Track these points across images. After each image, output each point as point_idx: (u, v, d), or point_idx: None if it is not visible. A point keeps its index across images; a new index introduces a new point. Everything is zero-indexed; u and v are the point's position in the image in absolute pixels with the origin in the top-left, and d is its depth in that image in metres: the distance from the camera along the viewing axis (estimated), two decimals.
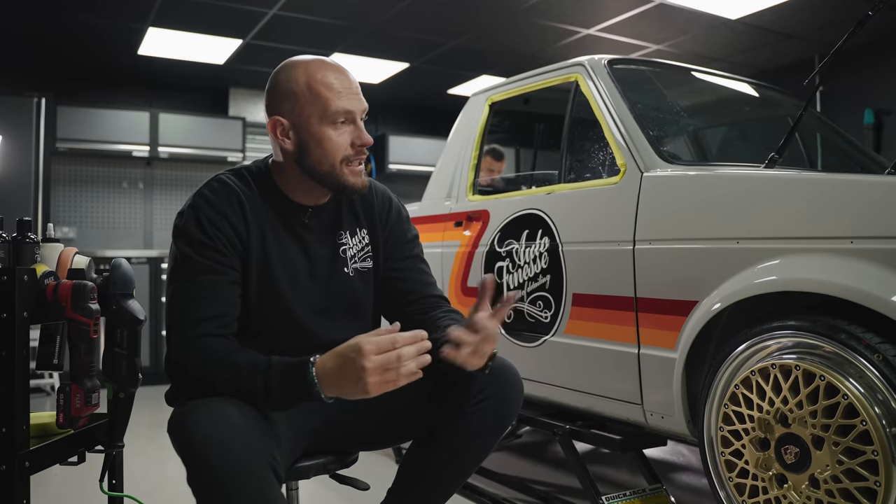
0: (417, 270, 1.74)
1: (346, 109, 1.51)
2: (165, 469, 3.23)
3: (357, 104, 1.54)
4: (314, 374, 1.30)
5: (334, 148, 1.52)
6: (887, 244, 1.63)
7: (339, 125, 1.52)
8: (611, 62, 2.64)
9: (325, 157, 1.52)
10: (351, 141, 1.53)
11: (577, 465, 2.46)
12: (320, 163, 1.53)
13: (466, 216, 3.02)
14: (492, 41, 5.77)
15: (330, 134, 1.51)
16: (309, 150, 1.52)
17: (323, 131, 1.51)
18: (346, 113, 1.52)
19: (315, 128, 1.51)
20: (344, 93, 1.51)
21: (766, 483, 1.80)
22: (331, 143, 1.51)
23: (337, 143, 1.52)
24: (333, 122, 1.51)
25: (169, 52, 5.96)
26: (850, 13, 4.64)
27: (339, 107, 1.50)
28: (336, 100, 1.50)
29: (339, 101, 1.50)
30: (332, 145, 1.52)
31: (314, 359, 1.32)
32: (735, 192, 2.03)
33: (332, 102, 1.50)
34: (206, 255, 1.46)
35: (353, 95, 1.53)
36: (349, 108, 1.52)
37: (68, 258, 1.66)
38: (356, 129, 1.54)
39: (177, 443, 1.29)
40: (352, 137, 1.53)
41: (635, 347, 2.22)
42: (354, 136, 1.54)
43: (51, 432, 1.57)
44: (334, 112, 1.50)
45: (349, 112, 1.52)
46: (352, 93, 1.53)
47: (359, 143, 1.54)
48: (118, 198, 6.74)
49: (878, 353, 1.61)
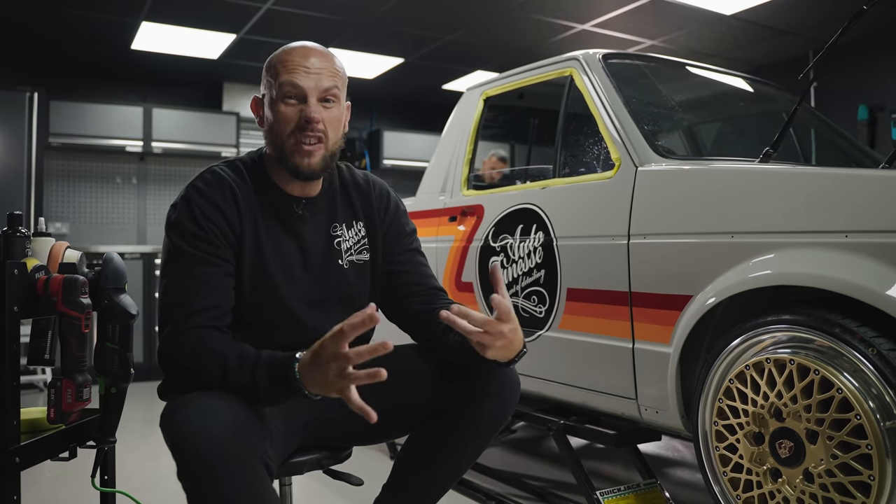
0: (417, 263, 1.74)
1: (292, 83, 1.50)
2: (158, 464, 3.22)
3: (308, 81, 1.51)
4: (297, 370, 1.29)
5: (280, 122, 1.52)
6: (882, 238, 1.63)
7: (289, 101, 1.51)
8: (605, 57, 2.64)
9: (276, 132, 1.53)
10: (298, 117, 1.51)
11: (571, 461, 2.46)
12: (274, 138, 1.54)
13: (461, 211, 3.02)
14: (486, 36, 5.76)
15: (279, 107, 1.52)
16: (268, 127, 1.55)
17: (275, 106, 1.52)
18: (292, 86, 1.50)
19: (270, 103, 1.54)
20: (298, 69, 1.51)
21: (760, 477, 1.80)
22: (278, 116, 1.52)
23: (284, 117, 1.51)
24: (284, 97, 1.51)
25: (162, 46, 5.93)
26: (845, 9, 4.64)
27: (286, 80, 1.50)
28: (285, 74, 1.51)
29: (287, 76, 1.51)
30: (278, 119, 1.52)
31: (300, 355, 1.30)
32: (729, 187, 2.03)
33: (281, 76, 1.51)
34: (199, 247, 1.45)
35: (308, 73, 1.51)
36: (297, 82, 1.50)
37: (59, 252, 1.65)
38: (305, 106, 1.52)
39: (168, 437, 1.28)
40: (299, 113, 1.52)
41: (630, 342, 2.21)
42: (302, 111, 1.52)
43: (42, 427, 1.56)
44: (280, 85, 1.51)
45: (295, 86, 1.50)
46: (308, 71, 1.51)
47: (304, 119, 1.51)
48: (111, 193, 6.71)
49: (873, 348, 1.61)
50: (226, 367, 1.35)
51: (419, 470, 1.64)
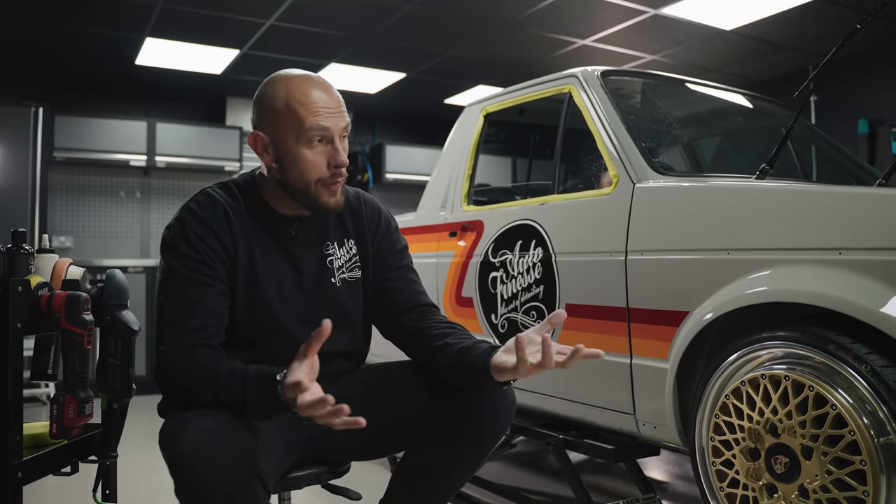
0: (408, 280, 1.74)
1: (322, 127, 1.48)
2: (160, 479, 3.19)
3: (334, 123, 1.50)
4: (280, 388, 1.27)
5: (309, 168, 1.50)
6: (875, 255, 1.64)
7: (314, 144, 1.49)
8: (604, 73, 2.66)
9: (300, 176, 1.51)
10: (327, 161, 1.51)
11: (570, 475, 2.47)
12: (296, 180, 1.52)
13: (461, 226, 3.04)
14: (488, 51, 5.80)
15: (305, 153, 1.49)
16: (285, 167, 1.51)
17: (298, 150, 1.49)
18: (322, 131, 1.49)
19: (291, 146, 1.50)
20: (322, 111, 1.48)
21: (756, 493, 1.81)
22: (305, 162, 1.50)
23: (312, 163, 1.50)
24: (309, 141, 1.49)
25: (166, 62, 5.98)
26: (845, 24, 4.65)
27: (313, 124, 1.48)
28: (311, 118, 1.47)
29: (314, 120, 1.48)
30: (306, 165, 1.50)
31: (282, 375, 1.27)
32: (726, 204, 2.05)
33: (306, 121, 1.47)
34: (193, 268, 1.47)
35: (332, 114, 1.50)
36: (325, 125, 1.48)
37: (63, 269, 1.67)
38: (333, 148, 1.51)
39: (166, 455, 1.29)
40: (328, 157, 1.51)
41: (627, 357, 2.23)
42: (330, 156, 1.51)
43: (44, 442, 1.57)
44: (308, 130, 1.48)
45: (325, 130, 1.49)
46: (330, 111, 1.49)
47: (334, 165, 1.51)
48: (115, 207, 6.75)
49: (867, 364, 1.62)
50: (216, 383, 1.36)
51: (416, 485, 1.64)
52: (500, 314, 2.71)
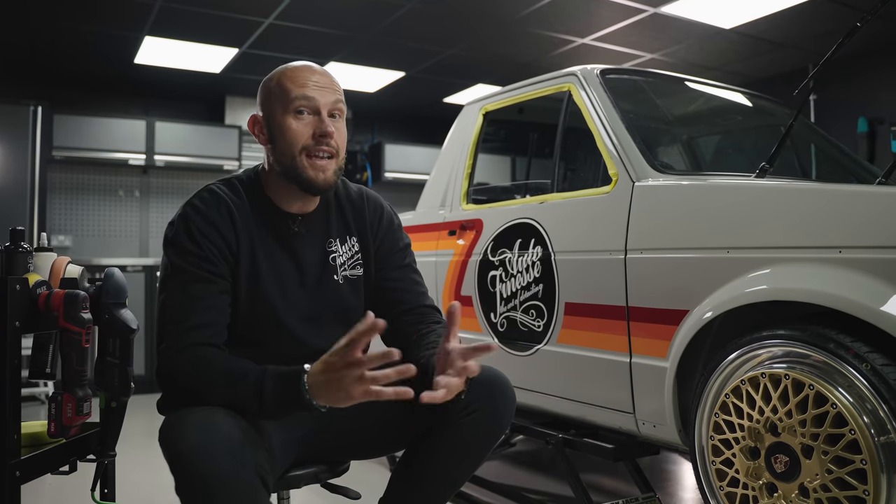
0: (410, 280, 1.74)
1: (306, 97, 1.53)
2: (159, 478, 3.22)
3: (321, 95, 1.54)
4: (306, 381, 1.30)
5: (294, 137, 1.53)
6: (875, 254, 1.64)
7: (302, 116, 1.53)
8: (603, 72, 2.66)
9: (286, 148, 1.54)
10: (312, 132, 1.53)
11: (569, 474, 2.47)
12: (284, 153, 1.54)
13: (460, 225, 3.03)
14: (487, 50, 5.79)
15: (290, 123, 1.53)
16: (276, 141, 1.55)
17: (285, 121, 1.53)
18: (306, 100, 1.53)
19: (279, 118, 1.54)
20: (309, 84, 1.54)
21: (756, 492, 1.81)
22: (291, 132, 1.53)
23: (297, 132, 1.53)
24: (296, 112, 1.53)
25: (165, 60, 5.97)
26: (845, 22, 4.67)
27: (298, 94, 1.52)
28: (297, 89, 1.53)
29: (299, 90, 1.53)
30: (291, 134, 1.53)
31: (308, 367, 1.31)
32: (725, 202, 2.04)
33: (292, 91, 1.53)
34: (196, 265, 1.47)
35: (319, 88, 1.54)
36: (310, 95, 1.53)
37: (61, 267, 1.67)
38: (319, 120, 1.54)
39: (166, 452, 1.29)
40: (314, 128, 1.53)
41: (627, 356, 2.22)
42: (316, 126, 1.54)
43: (42, 441, 1.57)
44: (294, 100, 1.52)
45: (309, 99, 1.53)
46: (317, 84, 1.54)
47: (319, 134, 1.53)
48: (114, 206, 6.75)
49: (867, 363, 1.61)
50: (227, 382, 1.36)
51: (415, 484, 1.64)
52: (499, 313, 2.70)
